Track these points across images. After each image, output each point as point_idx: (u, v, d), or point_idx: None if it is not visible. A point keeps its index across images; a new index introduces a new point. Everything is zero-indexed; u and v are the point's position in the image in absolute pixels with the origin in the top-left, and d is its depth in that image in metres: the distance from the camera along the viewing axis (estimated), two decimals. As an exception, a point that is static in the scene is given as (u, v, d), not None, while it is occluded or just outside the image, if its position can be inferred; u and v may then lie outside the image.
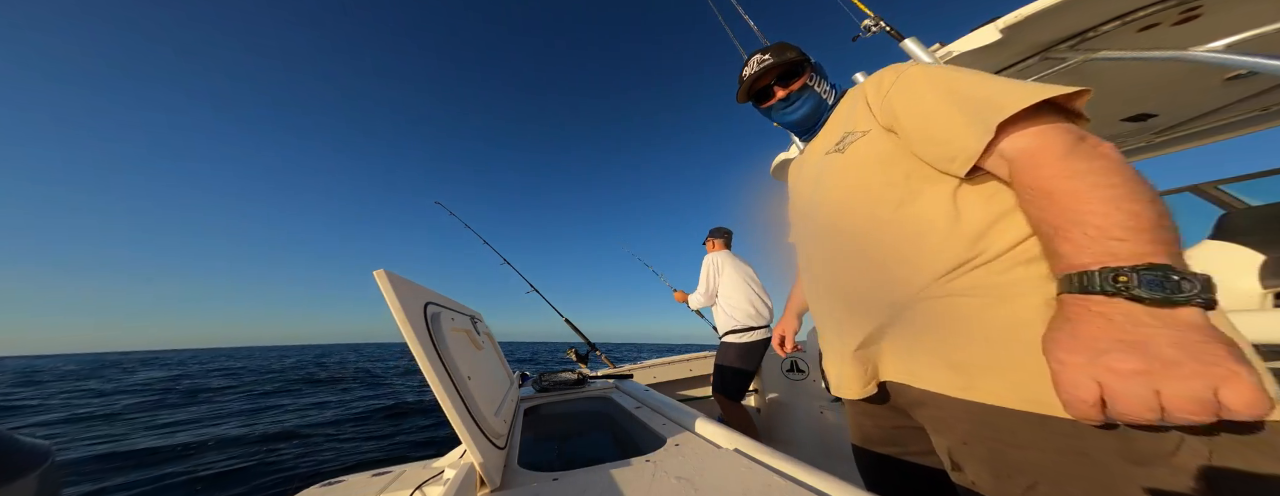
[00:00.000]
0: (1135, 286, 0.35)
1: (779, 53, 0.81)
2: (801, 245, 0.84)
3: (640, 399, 1.36)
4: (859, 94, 0.70)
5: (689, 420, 0.99)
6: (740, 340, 2.15)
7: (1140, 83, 1.42)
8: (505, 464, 0.74)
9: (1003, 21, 1.08)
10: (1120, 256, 0.37)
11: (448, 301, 0.96)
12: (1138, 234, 0.37)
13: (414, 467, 0.84)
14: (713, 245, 2.53)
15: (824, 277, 0.74)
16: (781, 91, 0.81)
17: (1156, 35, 1.10)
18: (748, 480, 0.61)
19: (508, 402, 1.06)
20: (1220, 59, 0.82)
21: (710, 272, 2.34)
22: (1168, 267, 0.35)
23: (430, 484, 0.73)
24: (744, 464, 0.67)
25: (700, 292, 2.38)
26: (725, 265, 2.34)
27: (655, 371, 2.71)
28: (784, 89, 0.81)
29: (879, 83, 0.65)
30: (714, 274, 2.33)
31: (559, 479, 0.67)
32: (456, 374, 0.69)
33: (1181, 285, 0.34)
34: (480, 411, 0.70)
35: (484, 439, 0.66)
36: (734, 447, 0.77)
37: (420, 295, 0.74)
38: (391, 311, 0.61)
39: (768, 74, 0.81)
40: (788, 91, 0.80)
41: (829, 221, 0.71)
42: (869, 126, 0.65)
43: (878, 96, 0.64)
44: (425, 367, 0.60)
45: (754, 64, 0.83)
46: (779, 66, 0.80)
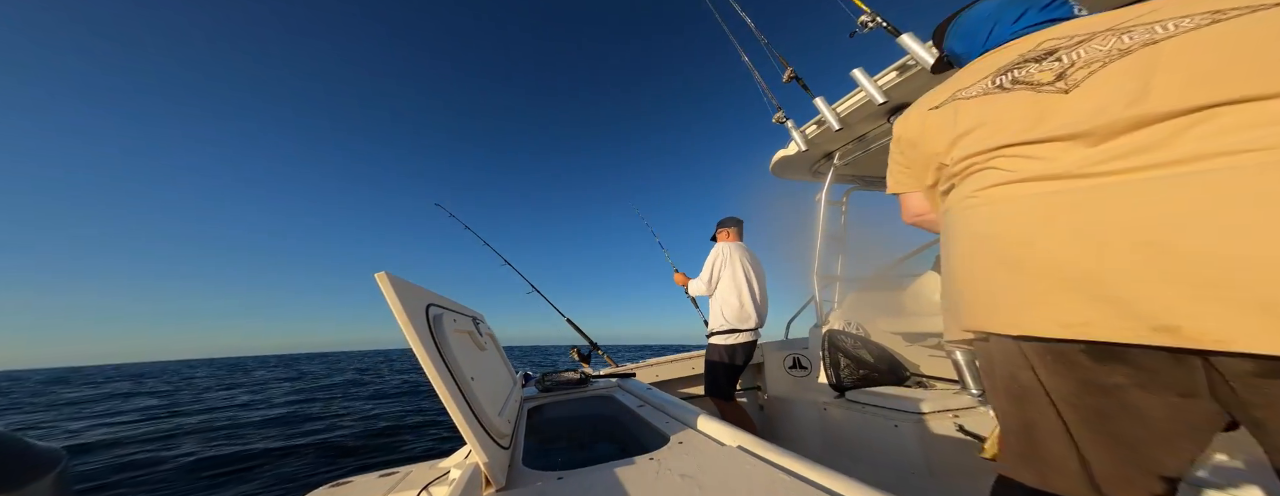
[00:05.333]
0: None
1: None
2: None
3: (643, 397, 1.36)
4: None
5: (692, 418, 0.99)
6: (724, 342, 2.13)
7: None
8: (510, 463, 0.75)
9: None
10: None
11: (449, 303, 0.96)
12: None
13: (420, 467, 0.84)
14: (726, 234, 2.41)
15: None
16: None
17: None
18: (752, 477, 0.61)
19: (511, 403, 1.06)
20: None
21: (716, 262, 2.25)
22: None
23: (436, 484, 0.73)
24: (748, 461, 0.67)
25: (702, 280, 2.31)
26: (733, 258, 2.25)
27: (658, 370, 2.71)
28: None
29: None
30: (720, 264, 2.25)
31: (563, 478, 0.68)
32: (460, 375, 0.69)
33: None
34: (484, 411, 0.70)
35: (488, 439, 0.67)
36: (737, 445, 0.77)
37: (422, 297, 0.74)
38: (393, 314, 0.61)
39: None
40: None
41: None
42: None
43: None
44: (428, 369, 0.61)
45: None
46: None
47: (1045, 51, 0.55)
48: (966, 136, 0.60)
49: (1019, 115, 0.54)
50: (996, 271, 0.53)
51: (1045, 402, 0.51)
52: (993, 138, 0.56)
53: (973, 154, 0.59)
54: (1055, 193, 0.49)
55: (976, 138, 0.59)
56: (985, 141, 0.57)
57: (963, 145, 0.60)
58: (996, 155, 0.56)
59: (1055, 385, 0.50)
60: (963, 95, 0.63)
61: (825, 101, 1.80)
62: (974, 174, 0.59)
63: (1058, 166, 0.49)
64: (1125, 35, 0.48)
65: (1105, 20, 0.52)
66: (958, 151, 0.61)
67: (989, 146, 0.56)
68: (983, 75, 0.62)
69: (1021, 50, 0.59)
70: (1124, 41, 0.48)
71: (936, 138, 0.66)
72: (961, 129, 0.61)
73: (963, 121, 0.61)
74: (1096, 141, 0.47)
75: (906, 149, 0.75)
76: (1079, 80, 0.50)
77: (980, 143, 0.58)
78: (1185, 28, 0.44)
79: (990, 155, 0.57)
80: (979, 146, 0.58)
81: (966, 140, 0.60)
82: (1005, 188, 0.54)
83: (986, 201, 0.56)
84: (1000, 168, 0.55)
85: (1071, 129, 0.49)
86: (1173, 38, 0.44)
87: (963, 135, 0.61)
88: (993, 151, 0.56)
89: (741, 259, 2.28)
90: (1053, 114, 0.51)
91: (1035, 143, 0.52)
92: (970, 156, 0.59)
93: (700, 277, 2.33)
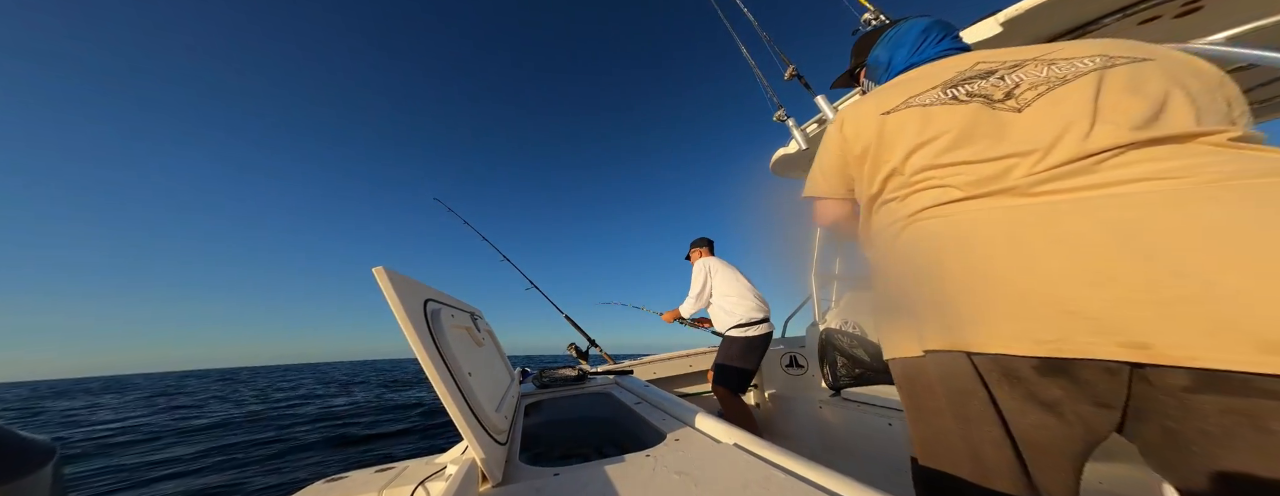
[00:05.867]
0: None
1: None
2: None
3: (640, 394, 1.36)
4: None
5: (689, 415, 0.99)
6: (745, 334, 2.16)
7: None
8: (506, 459, 0.75)
9: (1004, 14, 1.07)
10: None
11: (447, 298, 0.96)
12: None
13: (417, 463, 0.84)
14: (699, 253, 2.58)
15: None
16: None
17: (1158, 28, 1.09)
18: (747, 475, 0.61)
19: (509, 399, 1.06)
20: (1222, 52, 0.82)
21: (703, 275, 2.37)
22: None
23: (433, 479, 0.73)
24: (744, 458, 0.68)
25: (692, 296, 2.40)
26: (717, 267, 2.38)
27: (655, 367, 2.72)
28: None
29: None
30: (707, 276, 2.36)
31: (560, 474, 0.68)
32: (457, 370, 0.69)
33: None
34: (481, 407, 0.70)
35: (485, 434, 0.67)
36: (733, 442, 0.78)
37: (420, 292, 0.74)
38: (391, 308, 0.61)
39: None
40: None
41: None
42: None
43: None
44: (426, 364, 0.60)
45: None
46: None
47: (985, 71, 0.60)
48: (927, 146, 0.59)
49: (979, 130, 0.56)
50: (967, 287, 0.52)
51: (996, 421, 0.51)
52: (954, 150, 0.57)
53: (932, 166, 0.58)
54: (1020, 208, 0.50)
55: (937, 148, 0.58)
56: (946, 153, 0.57)
57: (922, 154, 0.60)
58: (956, 170, 0.56)
59: (1006, 402, 0.50)
60: (917, 102, 0.63)
61: (826, 100, 1.79)
62: (932, 187, 0.58)
63: (1021, 183, 0.51)
64: (1051, 66, 0.56)
65: (1027, 52, 0.60)
66: (917, 161, 0.60)
67: (950, 160, 0.57)
68: (931, 85, 0.63)
69: (960, 67, 0.63)
70: (1054, 71, 0.55)
71: (894, 144, 0.64)
72: (924, 137, 0.60)
73: (924, 129, 0.60)
74: (1052, 162, 0.50)
75: (851, 150, 0.72)
76: (1029, 100, 0.54)
77: (941, 154, 0.58)
78: (1096, 66, 0.53)
79: (950, 170, 0.56)
80: (940, 158, 0.58)
81: (927, 150, 0.59)
82: (971, 202, 0.54)
83: (950, 215, 0.55)
84: (960, 181, 0.55)
85: (1029, 147, 0.52)
86: (1094, 72, 0.52)
87: (923, 144, 0.60)
88: (953, 166, 0.56)
89: (724, 265, 2.41)
90: (1010, 131, 0.54)
91: (995, 160, 0.53)
92: (929, 167, 0.59)
93: (691, 294, 2.42)
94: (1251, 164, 0.42)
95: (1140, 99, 0.49)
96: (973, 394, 0.51)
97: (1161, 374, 0.41)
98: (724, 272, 2.35)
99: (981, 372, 0.50)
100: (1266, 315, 0.36)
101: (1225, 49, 0.82)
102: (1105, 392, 0.45)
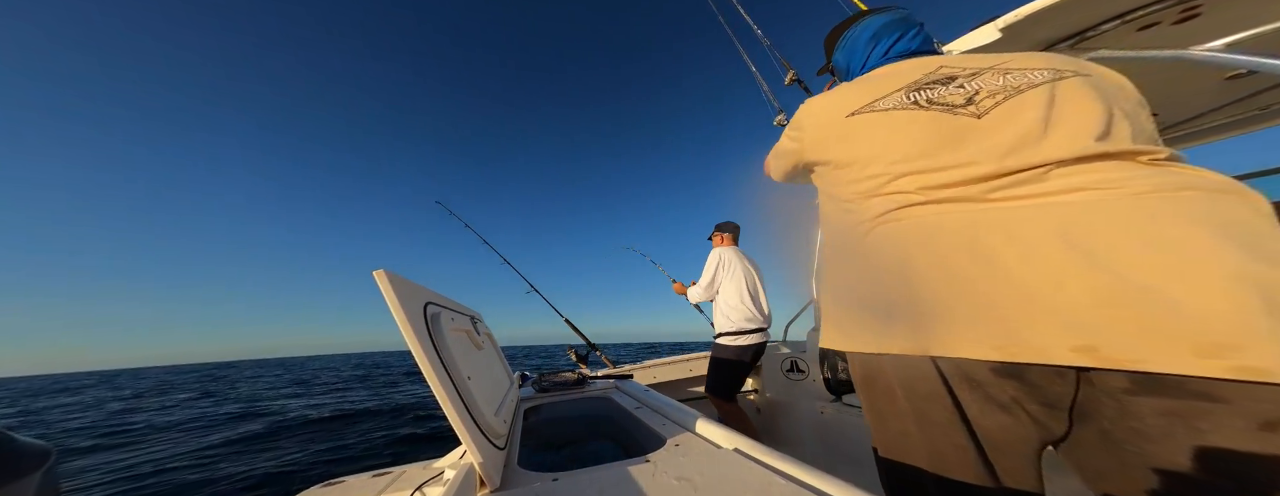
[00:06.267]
0: None
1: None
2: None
3: (640, 399, 1.36)
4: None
5: (689, 420, 0.99)
6: (735, 342, 2.13)
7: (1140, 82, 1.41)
8: (505, 464, 0.74)
9: (1002, 20, 1.08)
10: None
11: (448, 301, 0.96)
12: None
13: (414, 468, 0.84)
14: (721, 239, 2.45)
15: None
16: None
17: (1156, 35, 1.10)
18: (747, 480, 0.61)
19: (508, 403, 1.06)
20: (1220, 58, 0.82)
21: (715, 266, 2.28)
22: None
23: (430, 484, 0.73)
24: (744, 464, 0.67)
25: (702, 286, 2.32)
26: (731, 261, 2.27)
27: (655, 371, 2.71)
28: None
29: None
30: (718, 269, 2.27)
31: (559, 479, 0.67)
32: (456, 374, 0.69)
33: None
34: (480, 411, 0.70)
35: (484, 439, 0.66)
36: (734, 447, 0.77)
37: (420, 295, 0.74)
38: (391, 311, 0.61)
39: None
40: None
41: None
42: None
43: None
44: (425, 368, 0.60)
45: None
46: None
47: (946, 76, 0.62)
48: (889, 151, 0.61)
49: (939, 136, 0.57)
50: (930, 292, 0.52)
51: (959, 426, 0.52)
52: (916, 157, 0.58)
53: (894, 172, 0.59)
54: (979, 213, 0.51)
55: (898, 154, 0.60)
56: (908, 160, 0.58)
57: (885, 160, 0.61)
58: (917, 176, 0.57)
59: (969, 405, 0.51)
60: (881, 106, 0.64)
61: (826, 104, 1.80)
62: (894, 192, 0.59)
63: (979, 189, 0.52)
64: (1006, 75, 0.58)
65: (986, 60, 0.62)
66: (879, 166, 0.61)
67: (911, 167, 0.58)
68: (895, 88, 0.65)
69: (925, 70, 0.65)
70: (1010, 80, 0.57)
71: (857, 147, 0.65)
72: (886, 143, 0.62)
73: (887, 135, 0.62)
74: (1009, 168, 0.51)
75: (808, 149, 0.74)
76: (987, 108, 0.56)
77: (902, 161, 0.59)
78: (1047, 78, 0.55)
79: (912, 176, 0.58)
80: (901, 164, 0.59)
81: (889, 155, 0.61)
82: (932, 207, 0.55)
83: (912, 219, 0.56)
84: (920, 186, 0.56)
85: (987, 154, 0.53)
86: (1046, 85, 0.55)
87: (886, 149, 0.61)
88: (914, 173, 0.57)
89: (739, 262, 2.30)
90: (969, 137, 0.55)
91: (954, 167, 0.55)
92: (891, 173, 0.60)
93: (700, 284, 2.35)
94: (1180, 178, 0.46)
95: (1088, 113, 0.52)
96: (936, 398, 0.53)
97: (1104, 377, 0.43)
98: (735, 272, 2.25)
99: (946, 376, 0.52)
100: (1201, 321, 0.38)
101: (1224, 55, 0.83)
102: (1052, 394, 0.47)
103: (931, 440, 0.54)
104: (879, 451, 0.62)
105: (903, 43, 0.76)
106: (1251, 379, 0.37)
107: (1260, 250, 0.40)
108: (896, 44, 0.77)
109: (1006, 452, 0.51)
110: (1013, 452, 0.51)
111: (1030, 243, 0.47)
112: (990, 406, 0.50)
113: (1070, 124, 0.52)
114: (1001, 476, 0.51)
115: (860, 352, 0.62)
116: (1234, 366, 0.37)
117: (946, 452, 0.53)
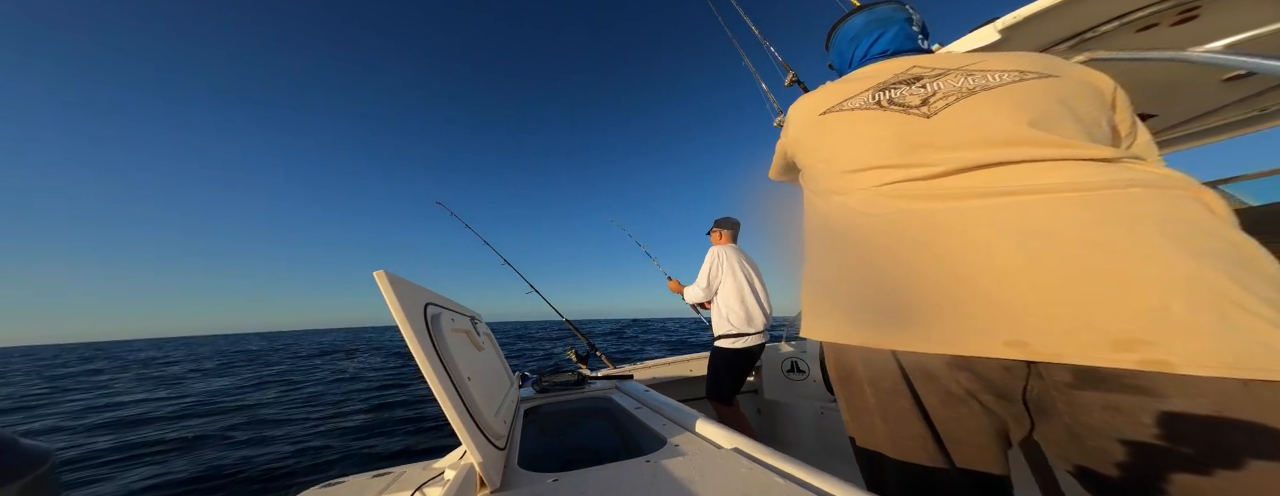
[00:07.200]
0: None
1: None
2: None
3: (640, 399, 1.36)
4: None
5: (689, 420, 0.99)
6: (732, 346, 2.09)
7: (1139, 83, 1.42)
8: (505, 464, 0.74)
9: (1001, 22, 1.08)
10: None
11: (448, 302, 0.96)
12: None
13: (414, 468, 0.84)
14: (719, 237, 2.35)
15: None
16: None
17: (1155, 36, 1.10)
18: (748, 480, 0.61)
19: (508, 403, 1.06)
20: (1219, 59, 0.82)
21: (713, 266, 2.19)
22: None
23: (430, 485, 0.73)
24: (744, 464, 0.67)
25: (699, 286, 2.24)
26: (730, 260, 2.18)
27: (655, 372, 2.71)
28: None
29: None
30: (716, 268, 2.18)
31: (559, 480, 0.67)
32: (456, 374, 0.69)
33: None
34: (480, 412, 0.70)
35: (484, 439, 0.66)
36: (734, 448, 0.77)
37: (420, 296, 0.74)
38: (392, 312, 0.61)
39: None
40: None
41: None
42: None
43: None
44: (425, 368, 0.60)
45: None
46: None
47: (913, 76, 0.65)
48: (847, 149, 0.64)
49: (891, 135, 0.60)
50: (889, 288, 0.55)
51: (919, 419, 0.54)
52: (869, 155, 0.61)
53: (850, 168, 0.63)
54: (927, 213, 0.53)
55: (855, 152, 0.63)
56: (862, 157, 0.62)
57: (843, 157, 0.64)
58: (871, 173, 0.60)
59: (927, 399, 0.53)
60: (848, 106, 0.67)
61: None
62: (852, 190, 0.62)
63: (926, 188, 0.54)
64: (969, 77, 0.60)
65: (955, 60, 0.65)
66: (838, 163, 0.65)
67: (865, 164, 0.61)
68: (864, 88, 0.68)
69: (896, 70, 0.68)
70: (969, 82, 0.59)
71: (822, 144, 0.70)
72: (845, 141, 0.65)
73: (847, 133, 0.66)
74: (951, 167, 0.53)
75: (788, 144, 0.79)
76: (938, 109, 0.59)
77: (858, 157, 0.62)
78: (1006, 81, 0.57)
79: (866, 173, 0.60)
80: (856, 161, 0.62)
81: (847, 153, 0.64)
82: (887, 203, 0.57)
83: (867, 215, 0.59)
84: (873, 183, 0.59)
85: (932, 153, 0.55)
86: (1003, 86, 0.57)
87: (844, 147, 0.65)
88: (867, 170, 0.60)
89: (738, 261, 2.22)
90: (917, 137, 0.58)
91: (903, 166, 0.57)
92: (847, 170, 0.63)
93: (697, 283, 2.27)
94: (1129, 176, 0.47)
95: (1032, 115, 0.54)
96: (898, 394, 0.55)
97: (1049, 370, 0.45)
98: (733, 272, 2.16)
99: (906, 371, 0.54)
100: (1126, 316, 0.40)
101: (1223, 57, 0.83)
102: (1003, 387, 0.49)
103: (895, 434, 0.56)
104: (853, 437, 0.64)
105: (881, 43, 0.78)
106: (1156, 370, 0.38)
107: (1193, 246, 0.41)
108: (875, 44, 0.79)
109: (964, 443, 0.52)
110: (971, 444, 0.52)
111: (977, 241, 0.49)
112: (948, 399, 0.52)
113: (1010, 126, 0.53)
114: (960, 467, 0.52)
115: (832, 344, 0.64)
116: (1144, 358, 0.38)
117: (909, 446, 0.55)
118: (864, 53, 0.80)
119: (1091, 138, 0.53)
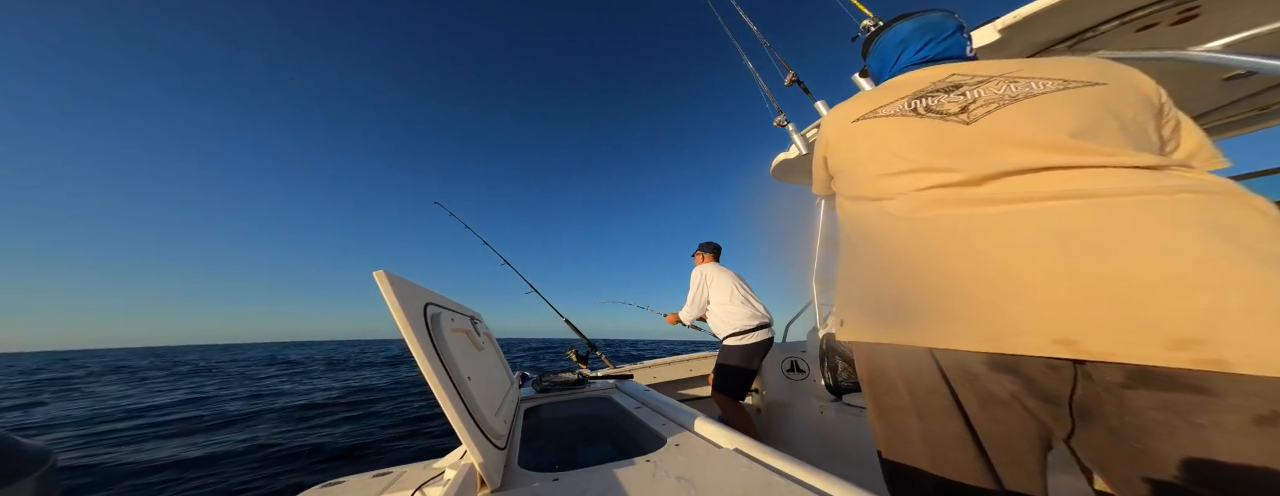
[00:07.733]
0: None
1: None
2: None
3: (640, 399, 1.36)
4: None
5: (689, 420, 0.99)
6: (743, 342, 2.17)
7: None
8: (505, 464, 0.74)
9: (1001, 22, 1.08)
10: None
11: (448, 302, 0.96)
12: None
13: (414, 468, 0.84)
14: (701, 258, 2.60)
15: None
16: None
17: (1155, 35, 1.10)
18: (748, 479, 0.61)
19: (508, 403, 1.06)
20: (1219, 59, 0.82)
21: (699, 284, 2.41)
22: None
23: (430, 484, 0.73)
24: (744, 463, 0.67)
25: (689, 305, 2.44)
26: (714, 275, 2.40)
27: (655, 371, 2.71)
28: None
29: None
30: (703, 284, 2.39)
31: (559, 479, 0.67)
32: (456, 374, 0.69)
33: None
34: (480, 412, 0.70)
35: (484, 439, 0.66)
36: (734, 447, 0.77)
37: (420, 296, 0.74)
38: (391, 312, 0.61)
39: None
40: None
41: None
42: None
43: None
44: (425, 368, 0.60)
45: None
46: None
47: (953, 84, 0.64)
48: (882, 155, 0.64)
49: (928, 142, 0.60)
50: (927, 288, 0.54)
51: (957, 417, 0.52)
52: (906, 160, 0.60)
53: (886, 173, 0.62)
54: (964, 217, 0.53)
55: (890, 158, 0.62)
56: (898, 162, 0.61)
57: (878, 163, 0.64)
58: (907, 178, 0.59)
59: (965, 398, 0.52)
60: (883, 113, 0.67)
61: (826, 105, 1.80)
62: (888, 195, 0.61)
63: (964, 193, 0.54)
64: (1012, 84, 0.59)
65: (997, 67, 0.64)
66: (873, 168, 0.65)
67: (901, 168, 0.60)
68: (900, 96, 0.67)
69: (934, 78, 0.67)
70: (1012, 89, 0.58)
71: (857, 150, 0.69)
72: (880, 147, 0.65)
73: (882, 139, 0.65)
74: (989, 173, 0.53)
75: (823, 151, 0.79)
76: (978, 116, 0.58)
77: (894, 163, 0.62)
78: (1050, 88, 0.56)
79: (902, 178, 0.60)
80: (892, 167, 0.62)
81: (882, 159, 0.64)
82: (925, 209, 0.57)
83: (905, 220, 0.58)
84: (910, 188, 0.59)
85: (971, 160, 0.55)
86: (1045, 95, 0.56)
87: (879, 153, 0.64)
88: (904, 174, 0.60)
89: (722, 272, 2.42)
90: (955, 144, 0.58)
91: (941, 170, 0.57)
92: (883, 175, 0.63)
93: (688, 302, 2.46)
94: (1176, 182, 0.47)
95: (1076, 122, 0.53)
96: (935, 390, 0.54)
97: (1100, 370, 0.44)
98: (720, 280, 2.37)
99: (943, 368, 0.53)
100: (1179, 316, 0.39)
101: (1222, 56, 0.83)
102: (1049, 389, 0.47)
103: (930, 433, 0.55)
104: (883, 453, 0.62)
105: (927, 49, 0.77)
106: (1214, 369, 0.38)
107: (1247, 247, 0.40)
108: (922, 50, 0.77)
109: (1004, 447, 0.51)
110: (1011, 448, 0.51)
111: (1018, 243, 0.48)
112: (988, 401, 0.51)
113: (1051, 133, 0.53)
114: (999, 471, 0.51)
115: (865, 344, 0.63)
116: (1200, 358, 0.38)
117: (945, 446, 0.53)
118: (911, 57, 0.78)
119: (1137, 145, 0.52)
